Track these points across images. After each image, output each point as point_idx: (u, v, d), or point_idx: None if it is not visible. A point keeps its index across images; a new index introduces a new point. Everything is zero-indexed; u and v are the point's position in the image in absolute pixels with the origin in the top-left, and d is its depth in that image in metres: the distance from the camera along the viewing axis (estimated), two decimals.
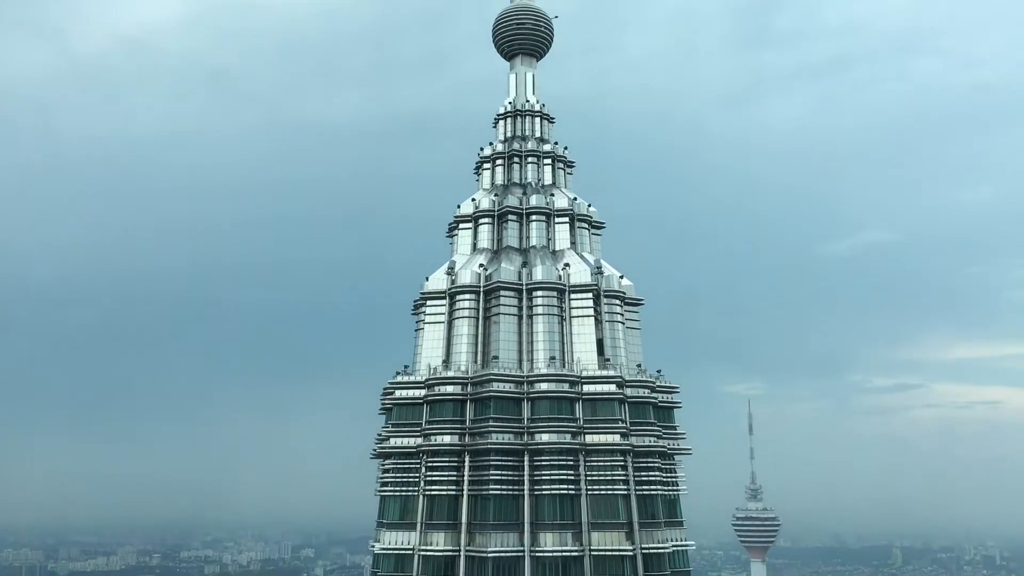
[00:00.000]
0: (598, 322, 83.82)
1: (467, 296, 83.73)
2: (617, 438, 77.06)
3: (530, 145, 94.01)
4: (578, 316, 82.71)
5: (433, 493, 75.81)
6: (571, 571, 72.17)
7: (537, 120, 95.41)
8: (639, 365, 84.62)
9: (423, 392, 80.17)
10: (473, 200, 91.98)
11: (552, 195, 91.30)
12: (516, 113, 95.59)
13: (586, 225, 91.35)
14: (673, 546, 77.32)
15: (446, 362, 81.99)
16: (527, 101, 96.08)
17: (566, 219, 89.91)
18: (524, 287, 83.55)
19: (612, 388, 79.02)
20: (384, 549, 76.15)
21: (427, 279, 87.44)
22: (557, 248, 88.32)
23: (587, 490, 74.82)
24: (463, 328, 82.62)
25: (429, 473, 76.37)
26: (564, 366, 79.90)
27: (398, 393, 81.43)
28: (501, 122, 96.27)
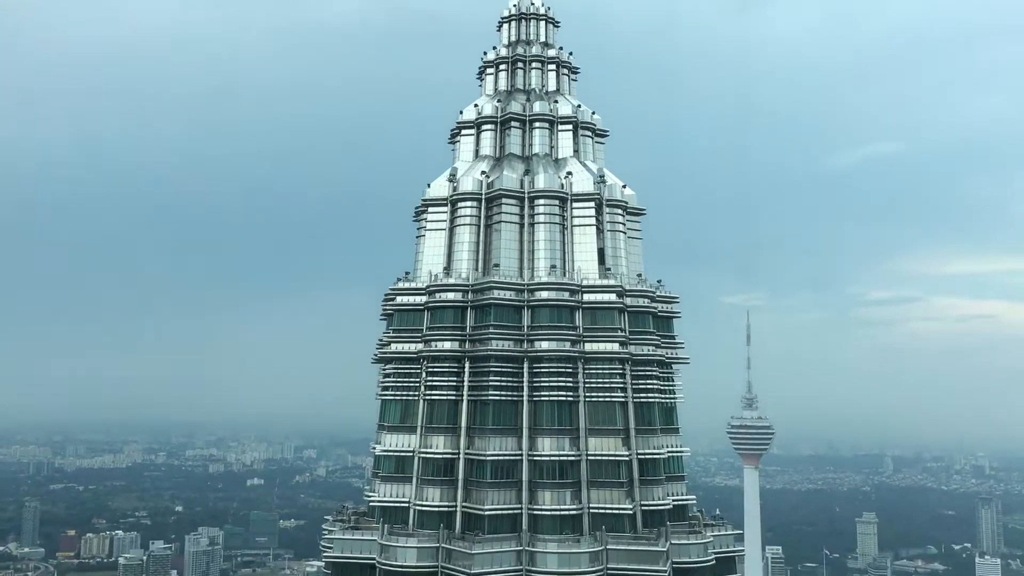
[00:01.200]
0: (599, 231, 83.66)
1: (468, 203, 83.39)
2: (616, 346, 77.73)
3: (534, 50, 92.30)
4: (580, 225, 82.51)
5: (433, 398, 76.86)
6: (568, 475, 73.67)
7: (542, 24, 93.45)
8: (639, 275, 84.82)
9: (424, 299, 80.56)
10: (476, 106, 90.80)
11: (556, 102, 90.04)
12: (520, 16, 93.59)
13: (590, 133, 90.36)
14: (668, 452, 78.77)
15: (447, 269, 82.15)
16: (532, 3, 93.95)
17: (569, 126, 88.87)
18: (526, 195, 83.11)
19: (612, 297, 79.36)
20: (385, 451, 77.60)
21: (428, 186, 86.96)
22: (560, 156, 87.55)
23: (585, 397, 75.83)
24: (464, 235, 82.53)
25: (429, 378, 77.32)
26: (565, 275, 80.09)
27: (399, 299, 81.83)
28: (505, 26, 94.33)
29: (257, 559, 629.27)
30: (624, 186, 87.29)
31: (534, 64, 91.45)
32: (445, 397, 76.76)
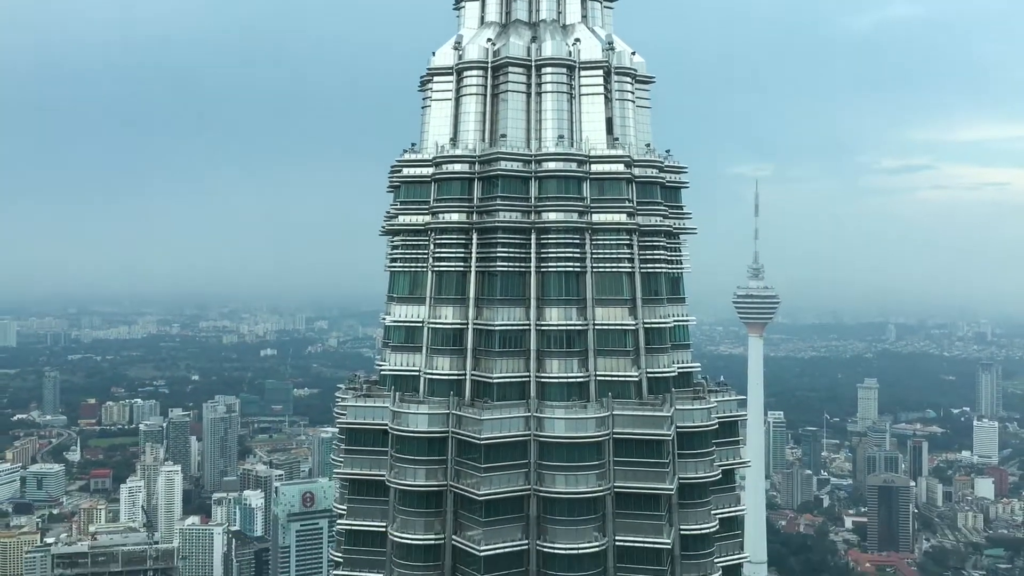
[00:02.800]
0: (608, 100, 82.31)
1: (474, 72, 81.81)
2: (624, 217, 77.67)
3: None
4: (587, 94, 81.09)
5: (441, 269, 77.40)
6: (575, 344, 74.88)
7: None
8: (648, 145, 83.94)
9: (430, 170, 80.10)
10: None
11: None
12: None
13: None
14: (674, 321, 79.72)
15: (453, 140, 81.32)
16: None
17: None
18: (533, 63, 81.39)
19: (620, 167, 78.78)
20: (395, 321, 78.73)
21: (433, 54, 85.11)
22: (567, 22, 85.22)
23: (592, 267, 76.28)
24: (470, 106, 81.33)
25: (437, 250, 77.67)
26: (572, 145, 79.29)
27: (405, 171, 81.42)
28: None
29: (273, 426, 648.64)
30: (633, 53, 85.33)
31: None
32: (453, 268, 77.29)
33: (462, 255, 77.09)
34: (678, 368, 78.55)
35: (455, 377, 74.89)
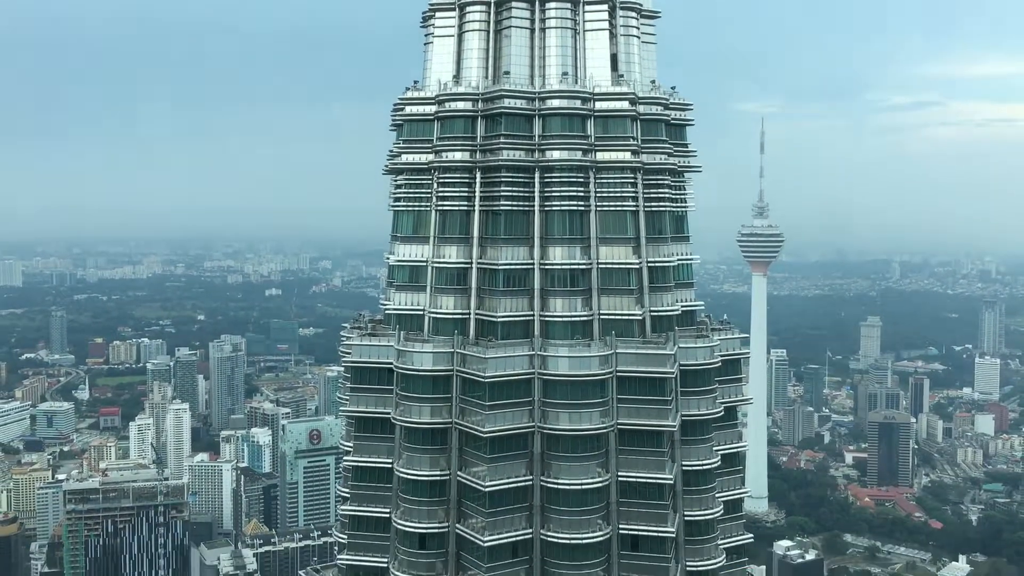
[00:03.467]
0: (612, 36, 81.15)
1: (477, 7, 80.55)
2: (628, 155, 77.17)
3: None
4: (592, 30, 79.91)
5: (445, 208, 77.22)
6: (579, 283, 75.03)
7: None
8: (653, 81, 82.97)
9: (433, 108, 79.41)
10: None
11: None
12: None
13: None
14: (678, 260, 79.72)
15: (456, 77, 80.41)
16: None
17: None
18: None
19: (625, 105, 78.02)
20: (399, 261, 78.80)
21: None
22: None
23: (596, 206, 76.02)
24: (473, 42, 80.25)
25: (441, 189, 77.37)
26: (576, 82, 78.41)
27: (408, 109, 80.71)
28: None
29: (279, 365, 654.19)
30: None
31: None
32: (457, 208, 77.10)
33: (465, 194, 76.81)
34: (681, 307, 78.77)
35: (459, 316, 75.22)
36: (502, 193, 75.26)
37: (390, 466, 74.42)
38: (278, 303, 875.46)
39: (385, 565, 74.12)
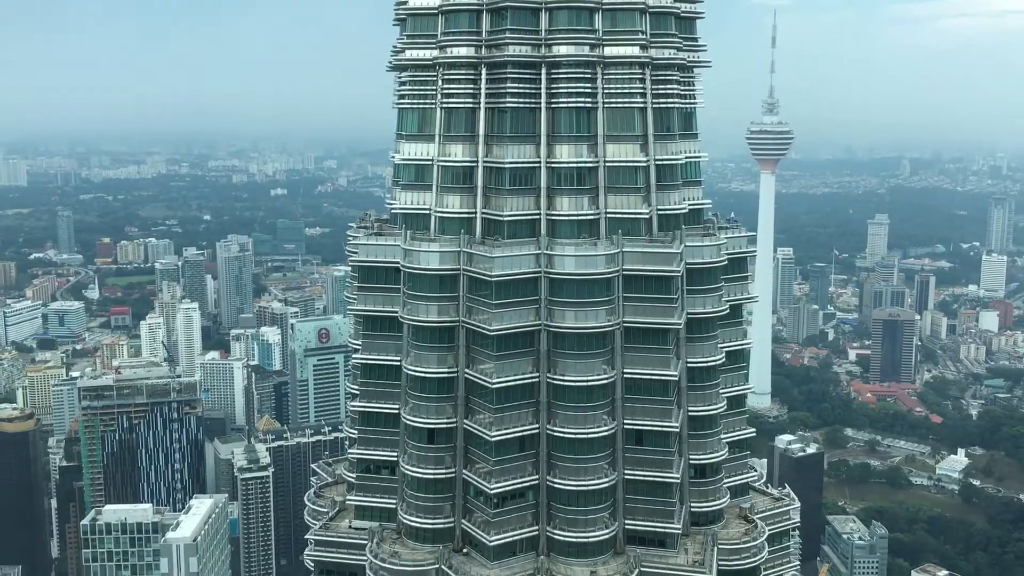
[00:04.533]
0: None
1: None
2: (636, 50, 75.52)
3: None
4: None
5: (450, 106, 76.12)
6: (585, 181, 74.49)
7: None
8: None
9: (437, 1, 77.46)
10: None
11: None
12: None
13: None
14: (686, 158, 78.90)
15: None
16: None
17: None
18: None
19: None
20: (404, 159, 78.13)
21: None
22: None
23: (604, 103, 74.85)
24: None
25: (445, 86, 76.11)
26: None
27: (412, 2, 78.72)
28: None
29: (286, 264, 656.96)
30: None
31: None
32: (462, 105, 75.99)
33: (471, 91, 75.60)
34: (688, 205, 78.35)
35: (465, 215, 74.96)
36: (508, 90, 74.07)
37: (398, 364, 75.42)
38: (284, 203, 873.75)
39: (395, 459, 75.87)
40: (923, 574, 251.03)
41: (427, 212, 76.27)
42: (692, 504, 75.69)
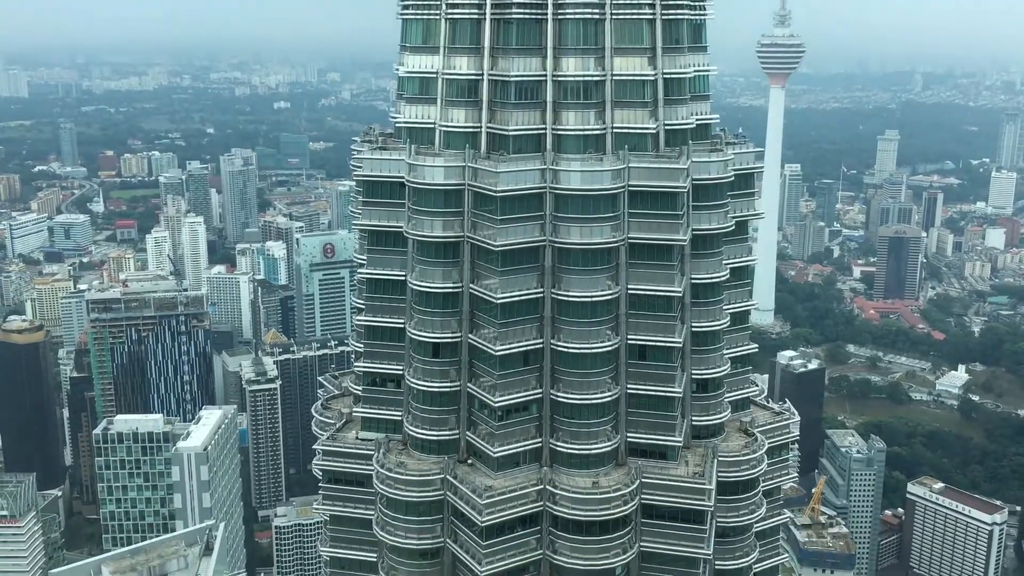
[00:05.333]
0: None
1: None
2: None
3: None
4: None
5: (455, 17, 74.61)
6: (592, 95, 73.42)
7: None
8: None
9: None
10: None
11: None
12: None
13: None
14: (695, 71, 77.55)
15: None
16: None
17: None
18: None
19: None
20: (408, 72, 76.93)
21: None
22: None
23: (612, 14, 73.31)
24: None
25: None
26: None
27: None
28: None
29: (291, 179, 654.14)
30: None
31: None
32: (467, 16, 74.45)
33: (476, 1, 74.08)
34: (696, 120, 77.31)
35: (471, 129, 74.14)
36: (514, 0, 72.58)
37: (403, 278, 75.70)
38: (287, 116, 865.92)
39: (401, 372, 76.78)
40: (919, 487, 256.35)
41: (432, 126, 75.50)
42: (693, 418, 76.74)
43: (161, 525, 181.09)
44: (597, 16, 72.31)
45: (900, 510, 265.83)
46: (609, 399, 72.16)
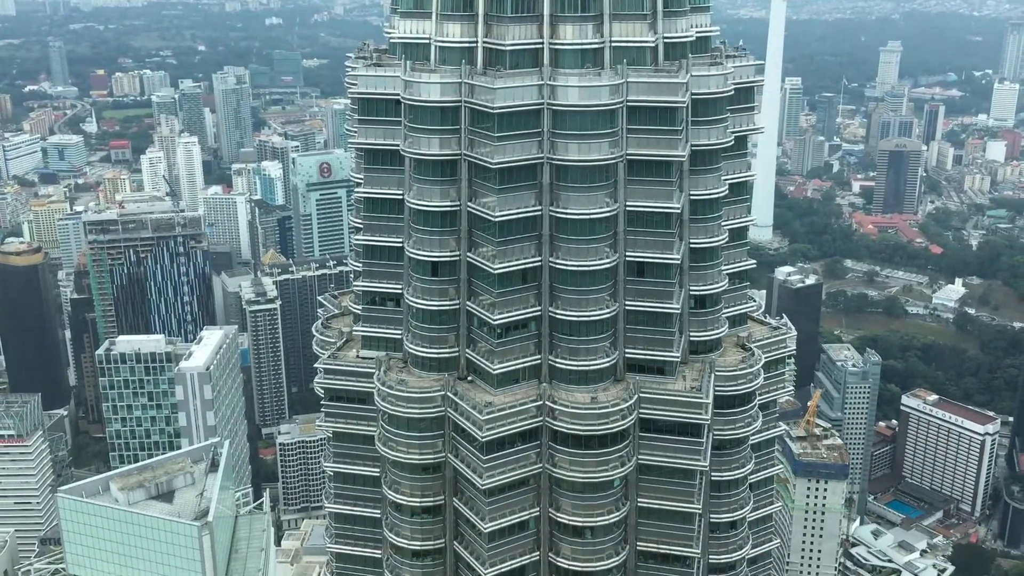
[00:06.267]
0: None
1: None
2: None
3: None
4: None
5: None
6: (590, 8, 71.80)
7: None
8: None
9: None
10: None
11: None
12: None
13: None
14: (697, 33, 75.99)
15: None
16: None
17: None
18: None
19: None
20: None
21: None
22: None
23: None
24: None
25: None
26: None
27: None
28: None
29: (285, 97, 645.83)
30: None
31: None
32: None
33: None
34: (696, 33, 76.00)
35: (467, 45, 72.83)
36: None
37: (401, 197, 75.36)
38: (279, 32, 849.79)
39: (400, 291, 77.06)
40: (914, 399, 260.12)
41: (427, 41, 74.18)
42: (691, 333, 77.31)
43: (167, 443, 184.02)
44: None
45: (894, 421, 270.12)
46: (608, 316, 72.57)
